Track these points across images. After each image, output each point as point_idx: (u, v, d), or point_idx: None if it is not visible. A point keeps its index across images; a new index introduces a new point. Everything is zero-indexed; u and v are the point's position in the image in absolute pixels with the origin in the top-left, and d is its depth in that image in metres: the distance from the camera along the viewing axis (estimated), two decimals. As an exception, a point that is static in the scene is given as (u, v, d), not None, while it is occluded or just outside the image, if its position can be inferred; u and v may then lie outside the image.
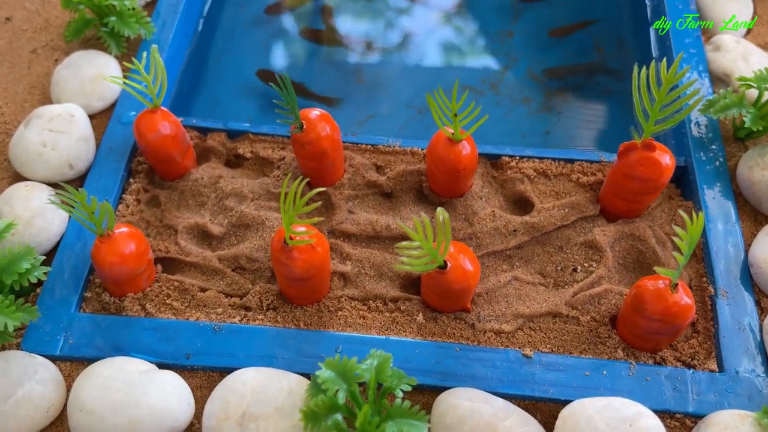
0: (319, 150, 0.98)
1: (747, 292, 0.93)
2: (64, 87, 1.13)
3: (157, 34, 1.22)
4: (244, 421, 0.81)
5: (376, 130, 1.28)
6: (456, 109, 0.91)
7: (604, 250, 0.99)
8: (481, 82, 1.35)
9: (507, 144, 1.12)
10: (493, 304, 0.95)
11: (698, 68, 1.15)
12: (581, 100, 1.31)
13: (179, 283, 0.97)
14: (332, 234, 1.02)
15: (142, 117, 1.00)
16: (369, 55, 1.39)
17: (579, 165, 1.07)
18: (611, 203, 1.01)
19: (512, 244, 1.01)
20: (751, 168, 1.00)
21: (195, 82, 1.33)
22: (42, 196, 1.00)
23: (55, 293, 0.95)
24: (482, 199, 1.04)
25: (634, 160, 0.93)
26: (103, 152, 1.08)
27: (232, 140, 1.13)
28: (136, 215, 1.05)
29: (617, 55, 1.36)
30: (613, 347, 0.90)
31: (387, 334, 0.92)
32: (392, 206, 1.06)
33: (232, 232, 1.03)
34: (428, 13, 1.45)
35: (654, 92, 0.88)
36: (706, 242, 0.97)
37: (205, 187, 1.07)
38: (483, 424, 0.79)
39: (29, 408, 0.84)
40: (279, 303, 0.95)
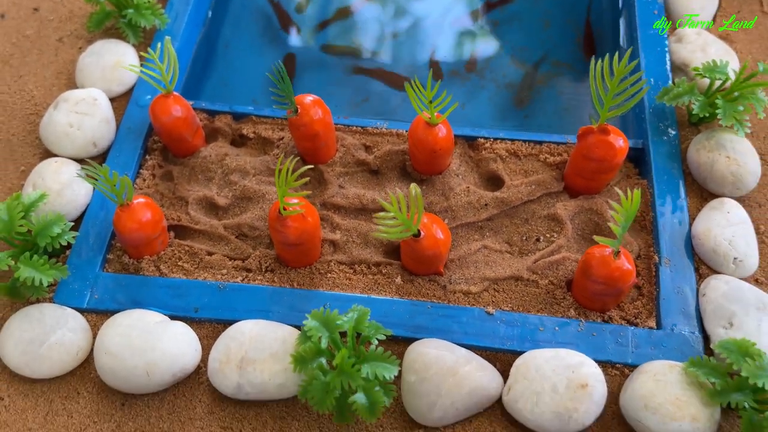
0: (312, 132, 1.11)
1: (688, 260, 1.05)
2: (87, 73, 1.26)
3: (171, 24, 1.35)
4: (243, 365, 0.95)
5: (373, 109, 1.40)
6: (431, 97, 1.03)
7: (564, 223, 1.11)
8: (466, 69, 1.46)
9: (489, 126, 1.24)
10: (464, 269, 1.08)
11: (660, 58, 1.26)
12: (560, 86, 1.42)
13: (189, 248, 1.11)
14: (324, 206, 1.15)
15: (156, 101, 1.14)
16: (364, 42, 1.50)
17: (547, 146, 1.19)
18: (573, 181, 1.13)
19: (483, 217, 1.13)
20: (699, 150, 1.11)
21: (205, 67, 1.46)
22: (70, 170, 1.14)
23: (82, 255, 1.09)
24: (459, 177, 1.17)
25: (591, 143, 1.05)
26: (123, 132, 1.22)
27: (237, 122, 1.26)
28: (151, 188, 1.18)
29: (597, 41, 1.47)
30: (567, 307, 1.03)
31: (369, 293, 1.05)
32: (378, 182, 1.18)
33: (236, 204, 1.16)
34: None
35: (608, 82, 1.00)
36: (655, 216, 1.09)
37: (212, 163, 1.20)
38: (446, 368, 0.93)
39: (61, 351, 0.99)
40: (276, 266, 1.08)
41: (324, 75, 1.46)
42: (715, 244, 1.03)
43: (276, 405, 0.97)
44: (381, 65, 1.47)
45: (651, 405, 0.88)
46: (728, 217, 1.04)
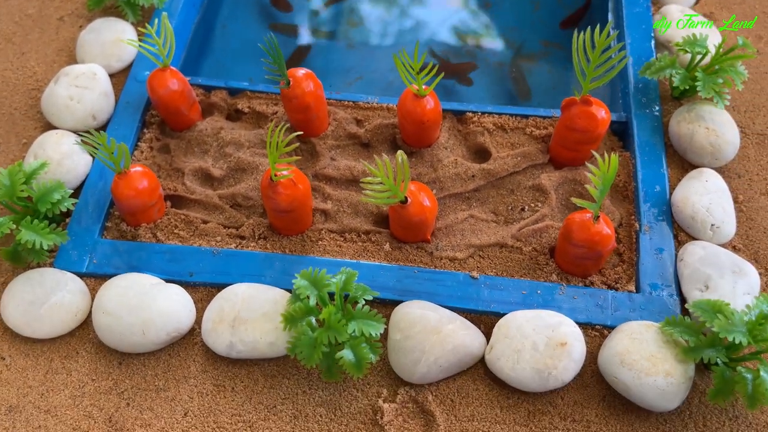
0: (304, 104, 1.14)
1: (668, 227, 1.08)
2: (87, 49, 1.30)
3: (168, 4, 1.38)
4: (235, 324, 0.99)
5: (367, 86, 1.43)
6: (418, 67, 1.06)
7: (548, 193, 1.14)
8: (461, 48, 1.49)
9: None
10: (450, 237, 1.11)
11: (645, 36, 1.29)
12: (549, 65, 1.45)
13: (185, 216, 1.15)
14: (316, 177, 1.19)
15: (154, 75, 1.17)
16: (357, 25, 1.54)
17: (533, 120, 1.22)
18: (558, 153, 1.16)
19: (470, 188, 1.16)
20: (679, 123, 1.14)
21: (203, 47, 1.50)
22: (70, 141, 1.17)
23: (81, 222, 1.13)
24: (447, 149, 1.20)
25: (573, 114, 1.08)
26: (122, 106, 1.25)
27: (233, 97, 1.30)
28: (149, 160, 1.22)
29: (586, 22, 1.50)
30: (549, 272, 1.06)
31: (358, 259, 1.09)
32: (369, 155, 1.22)
33: (230, 175, 1.20)
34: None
35: (589, 54, 1.03)
36: (637, 186, 1.13)
37: (208, 137, 1.23)
38: (430, 327, 0.96)
39: (61, 312, 1.03)
40: (269, 233, 1.12)
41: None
42: (693, 211, 1.06)
43: (267, 363, 1.01)
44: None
45: (627, 361, 0.92)
46: (706, 185, 1.08)
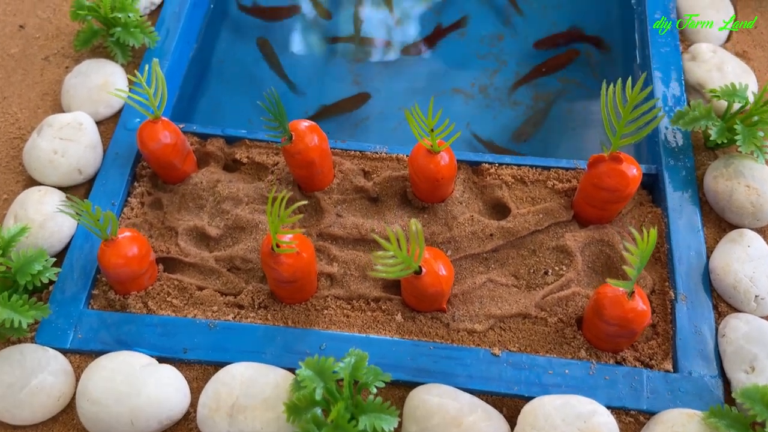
0: (308, 159, 1.05)
1: (706, 296, 0.99)
2: (73, 95, 1.20)
3: (161, 42, 1.29)
4: (233, 412, 0.90)
5: (370, 132, 1.35)
6: (432, 125, 0.97)
7: (574, 255, 1.05)
8: (471, 86, 1.40)
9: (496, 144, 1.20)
10: (468, 305, 1.02)
11: (674, 78, 1.20)
12: (569, 104, 1.36)
13: (179, 282, 1.06)
14: (320, 237, 1.10)
15: (144, 127, 1.08)
16: (365, 59, 1.45)
17: (555, 172, 1.13)
18: (583, 210, 1.07)
19: (488, 248, 1.07)
20: (716, 178, 1.05)
21: (198, 85, 1.40)
22: (53, 200, 1.08)
23: (65, 291, 1.04)
24: (462, 204, 1.11)
25: (602, 172, 0.99)
26: (110, 157, 1.16)
27: (230, 145, 1.20)
28: (140, 217, 1.13)
29: (603, 57, 1.41)
30: (577, 347, 0.97)
31: (368, 332, 1.00)
32: (378, 210, 1.13)
33: (228, 234, 1.11)
34: (418, 18, 1.50)
35: (620, 109, 0.94)
36: (670, 248, 1.03)
37: (204, 191, 1.14)
38: (449, 418, 0.87)
39: (42, 397, 0.93)
40: (270, 302, 1.03)
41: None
42: (735, 280, 0.97)
43: (269, 455, 0.91)
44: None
45: (669, 460, 0.82)
46: (749, 251, 0.98)
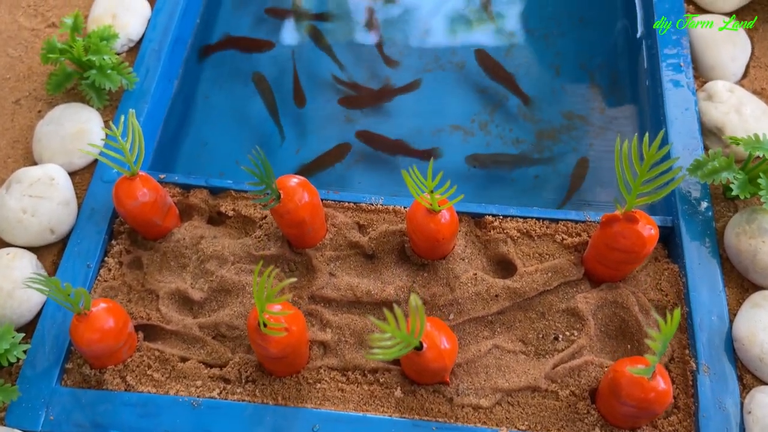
0: (298, 219, 0.97)
1: (730, 366, 0.92)
2: (45, 144, 1.12)
3: (140, 83, 1.20)
4: (219, 508, 0.82)
5: (369, 173, 1.27)
6: (432, 187, 0.89)
7: (586, 319, 0.97)
8: (471, 122, 1.32)
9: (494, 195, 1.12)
10: (473, 376, 0.95)
11: (689, 120, 1.12)
12: (575, 141, 1.28)
13: (160, 353, 0.98)
14: (312, 299, 1.02)
15: (120, 184, 1.00)
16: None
17: (563, 225, 1.05)
18: (594, 268, 1.00)
19: (494, 310, 1.00)
20: (738, 235, 0.97)
21: (182, 123, 1.32)
22: (23, 265, 1.00)
23: (36, 365, 0.96)
24: (464, 261, 1.03)
25: (616, 232, 0.92)
26: (85, 213, 1.08)
27: (215, 197, 1.12)
28: (117, 279, 1.05)
29: (613, 92, 1.33)
30: (592, 425, 0.90)
31: (365, 409, 0.92)
32: (374, 268, 1.05)
33: (212, 298, 1.03)
34: (416, 54, 1.42)
35: (636, 167, 0.86)
36: (690, 312, 0.96)
37: (186, 248, 1.06)
38: None
39: (10, 489, 0.86)
40: (258, 375, 0.95)
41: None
42: (761, 351, 0.89)
43: None
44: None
45: None
46: (776, 318, 0.91)
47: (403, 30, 1.43)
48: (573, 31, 1.41)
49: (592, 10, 1.43)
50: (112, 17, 1.24)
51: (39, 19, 1.31)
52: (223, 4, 1.45)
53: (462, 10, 1.45)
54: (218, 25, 1.42)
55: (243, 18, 1.44)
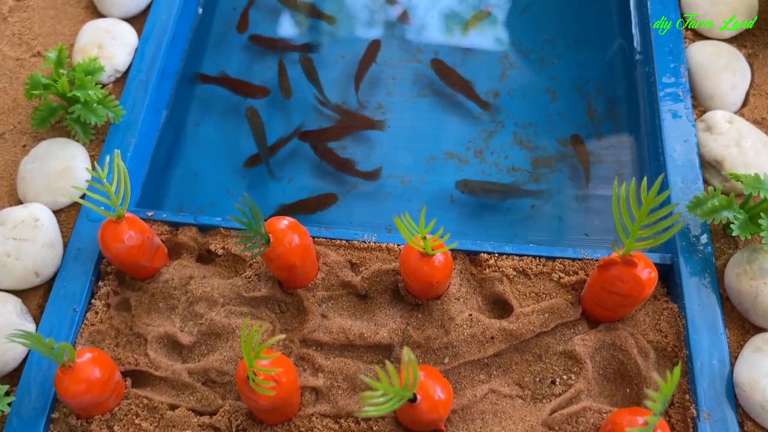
0: (289, 263, 0.95)
1: (731, 413, 0.90)
2: (29, 183, 1.10)
3: (127, 115, 1.18)
4: None
5: (363, 201, 1.25)
6: (425, 233, 0.87)
7: (583, 362, 0.95)
8: (465, 150, 1.30)
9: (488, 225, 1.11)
10: (469, 423, 0.93)
11: (687, 152, 1.09)
12: (570, 170, 1.26)
13: (148, 401, 0.95)
14: (304, 343, 0.99)
15: (105, 228, 0.97)
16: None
17: (560, 263, 1.03)
18: (592, 309, 0.97)
19: (490, 353, 0.97)
20: (739, 276, 0.95)
21: (171, 154, 1.30)
22: (7, 311, 0.98)
23: (23, 414, 0.93)
24: (460, 301, 1.01)
25: (614, 275, 0.89)
26: (71, 254, 1.06)
27: (204, 234, 1.10)
28: (105, 323, 1.02)
29: (610, 118, 1.31)
30: (590, 475, 0.88)
31: (358, 460, 0.90)
32: (367, 308, 1.02)
33: (202, 341, 1.01)
34: (408, 78, 1.39)
35: (634, 211, 0.84)
36: (690, 356, 0.94)
37: (175, 289, 1.04)
38: None
39: None
40: (248, 423, 0.93)
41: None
42: (763, 399, 0.87)
43: None
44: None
45: None
46: (778, 364, 0.89)
47: (397, 54, 1.41)
48: (569, 53, 1.39)
49: (588, 32, 1.41)
50: (98, 47, 1.21)
51: (24, 48, 1.28)
52: (212, 32, 1.43)
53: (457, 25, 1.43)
54: (207, 52, 1.40)
55: (232, 45, 1.42)
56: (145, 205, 1.19)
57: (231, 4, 1.47)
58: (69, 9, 1.32)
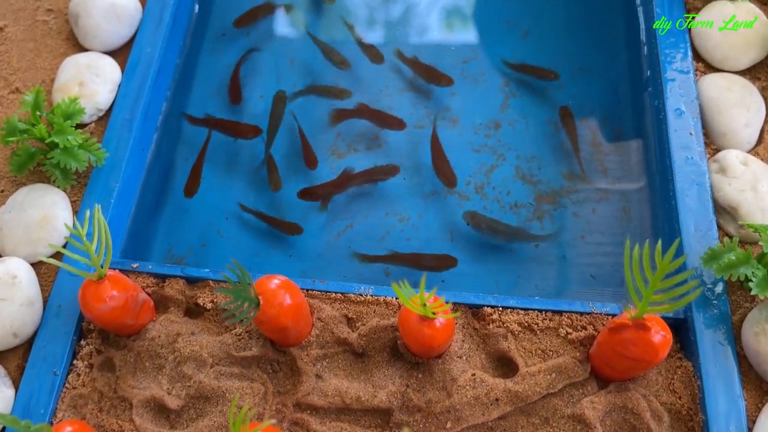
0: (280, 326, 0.90)
1: (751, 485, 0.85)
2: (7, 234, 1.04)
3: (111, 158, 1.12)
4: None
5: (358, 236, 1.19)
6: (424, 301, 0.81)
7: (593, 426, 0.90)
8: (466, 185, 1.24)
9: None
10: (472, 494, 0.88)
11: (700, 196, 1.04)
12: (576, 206, 1.21)
13: (134, 472, 0.90)
14: (298, 407, 0.94)
15: (86, 288, 0.92)
16: (351, 155, 1.28)
17: (567, 317, 0.98)
18: (601, 368, 0.92)
19: (494, 416, 0.92)
20: (757, 335, 0.90)
21: (161, 192, 1.24)
22: (-18, 378, 0.93)
23: (0, 489, 0.88)
24: (462, 359, 0.96)
25: (625, 339, 0.84)
26: (51, 311, 1.00)
27: (192, 286, 1.04)
28: (87, 386, 0.97)
29: (616, 150, 1.25)
30: None
31: None
32: (364, 368, 0.97)
33: (191, 405, 0.95)
34: (406, 109, 1.33)
35: (648, 275, 0.79)
36: (707, 421, 0.89)
37: (162, 347, 0.98)
38: None
39: None
40: (240, 497, 0.88)
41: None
42: (785, 471, 0.82)
43: None
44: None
45: None
46: (801, 434, 0.84)
47: (394, 83, 1.35)
48: (573, 82, 1.33)
49: (593, 58, 1.35)
50: (78, 85, 1.16)
51: (1, 84, 1.22)
52: (199, 64, 1.37)
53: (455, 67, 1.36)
54: (194, 88, 1.34)
55: (220, 77, 1.36)
56: (131, 248, 1.14)
57: (218, 32, 1.41)
58: (49, 41, 1.26)
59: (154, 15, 1.26)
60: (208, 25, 1.40)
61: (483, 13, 1.43)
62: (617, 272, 1.14)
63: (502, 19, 1.41)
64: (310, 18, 1.43)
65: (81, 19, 1.21)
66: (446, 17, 1.43)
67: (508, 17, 1.41)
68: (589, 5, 1.40)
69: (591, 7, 1.40)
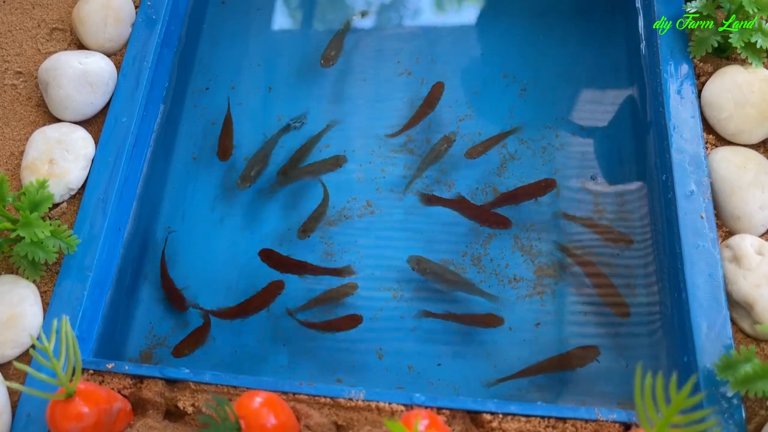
0: (264, 450, 0.83)
1: None
2: (-28, 335, 0.97)
3: (84, 243, 1.05)
4: None
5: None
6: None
7: None
8: (462, 256, 1.18)
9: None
10: None
11: (712, 289, 0.97)
12: (577, 283, 1.15)
13: None
14: None
15: (54, 408, 0.85)
16: (336, 226, 1.22)
17: (572, 424, 0.92)
18: (609, 486, 0.87)
19: None
20: (775, 452, 0.84)
21: (139, 269, 1.18)
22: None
23: None
24: (460, 471, 0.90)
25: (636, 466, 0.78)
26: (20, 422, 0.93)
27: (171, 387, 0.98)
28: (59, 505, 0.91)
29: (620, 220, 1.18)
30: None
31: None
32: (356, 482, 0.91)
33: None
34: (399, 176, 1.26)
35: (662, 408, 0.72)
36: None
37: (139, 459, 0.92)
38: None
39: None
40: None
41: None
42: None
43: None
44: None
45: None
46: None
47: (386, 143, 1.28)
48: (573, 143, 1.26)
49: (595, 117, 1.28)
50: (48, 162, 1.08)
51: (-34, 159, 1.15)
52: (180, 129, 1.30)
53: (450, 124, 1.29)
54: (176, 148, 1.27)
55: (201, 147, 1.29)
56: (109, 333, 1.09)
57: (194, 102, 1.33)
58: (19, 108, 1.18)
59: (130, 80, 1.18)
60: (189, 84, 1.33)
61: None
62: (621, 357, 1.08)
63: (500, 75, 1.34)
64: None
65: (51, 89, 1.13)
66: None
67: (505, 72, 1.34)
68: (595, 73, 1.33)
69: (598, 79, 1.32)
